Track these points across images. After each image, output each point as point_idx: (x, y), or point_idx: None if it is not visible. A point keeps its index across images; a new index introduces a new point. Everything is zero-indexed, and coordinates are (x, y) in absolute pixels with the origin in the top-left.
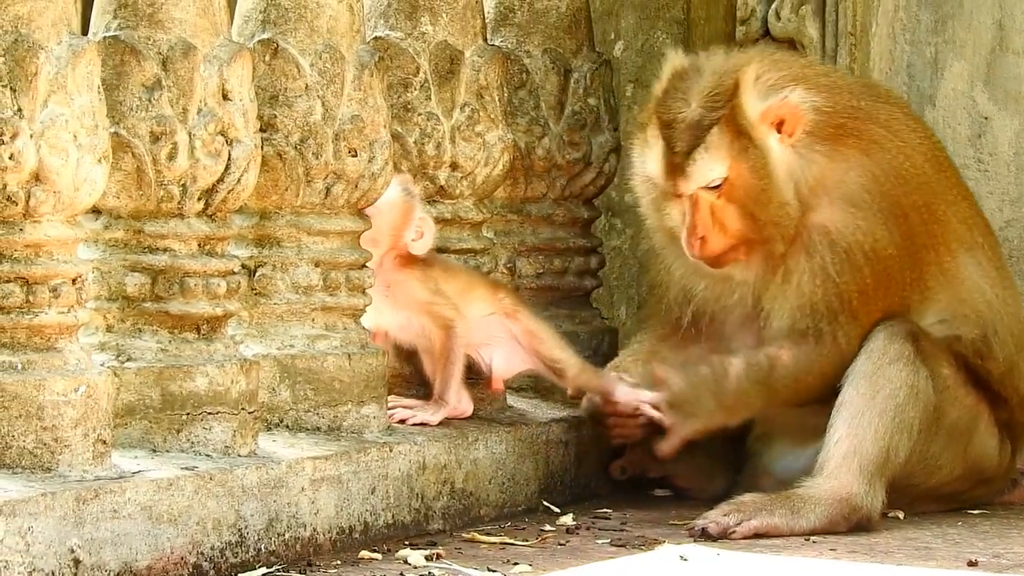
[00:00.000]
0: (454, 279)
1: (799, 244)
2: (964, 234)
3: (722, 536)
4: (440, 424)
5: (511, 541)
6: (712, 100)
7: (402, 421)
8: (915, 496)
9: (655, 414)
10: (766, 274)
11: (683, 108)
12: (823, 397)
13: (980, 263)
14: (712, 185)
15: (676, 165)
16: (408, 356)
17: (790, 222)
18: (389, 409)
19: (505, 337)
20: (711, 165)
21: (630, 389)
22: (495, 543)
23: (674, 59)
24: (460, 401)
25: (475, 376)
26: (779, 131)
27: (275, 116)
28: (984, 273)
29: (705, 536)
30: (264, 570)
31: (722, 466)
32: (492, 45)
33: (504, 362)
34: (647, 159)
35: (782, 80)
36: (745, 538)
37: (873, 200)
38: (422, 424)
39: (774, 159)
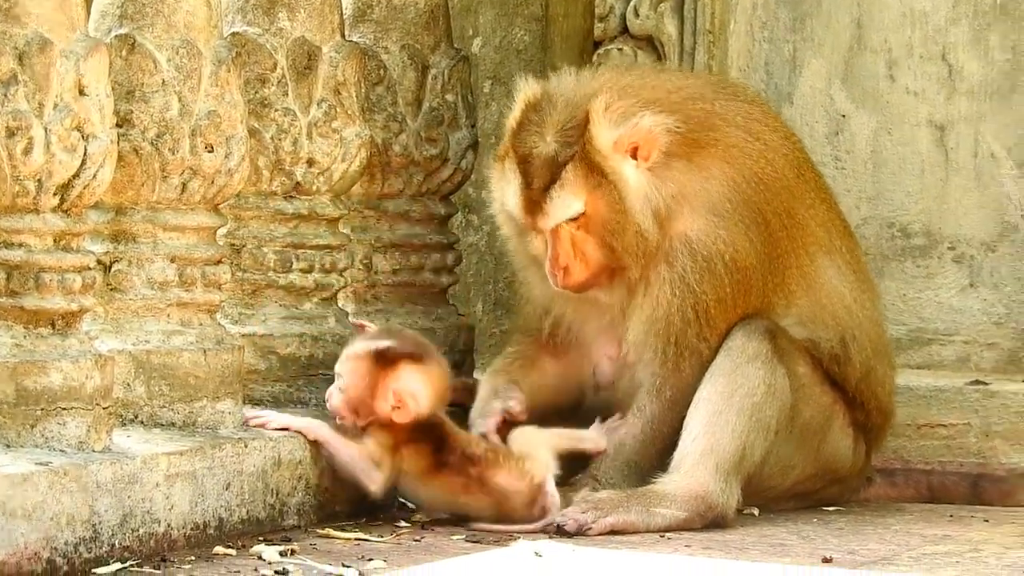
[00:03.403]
0: None
1: (660, 255)
2: (823, 238)
3: (579, 533)
4: None
5: (366, 537)
6: (565, 135)
7: (262, 426)
8: (769, 497)
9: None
10: (629, 294)
11: (538, 142)
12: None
13: (839, 267)
14: (570, 218)
15: (534, 202)
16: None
17: (647, 247)
18: (250, 417)
19: None
20: (568, 202)
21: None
22: (350, 539)
23: (526, 89)
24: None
25: None
26: (635, 157)
27: (132, 111)
28: (843, 277)
29: (561, 533)
30: (118, 566)
31: (579, 463)
32: (350, 41)
33: None
34: (506, 193)
35: (633, 107)
36: (601, 535)
37: (735, 208)
38: (284, 428)
39: (630, 188)
